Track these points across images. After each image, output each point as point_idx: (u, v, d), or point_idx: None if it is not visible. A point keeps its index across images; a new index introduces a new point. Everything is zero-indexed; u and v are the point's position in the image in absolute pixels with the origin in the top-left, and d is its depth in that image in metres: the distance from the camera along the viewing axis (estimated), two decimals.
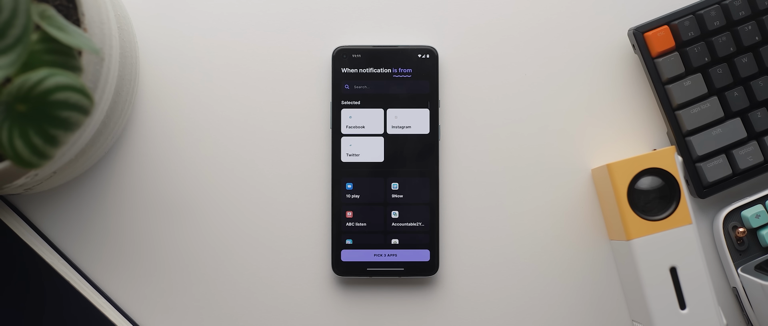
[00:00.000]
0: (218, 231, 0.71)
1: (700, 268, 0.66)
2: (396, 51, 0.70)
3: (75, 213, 0.71)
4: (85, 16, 0.54)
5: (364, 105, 0.70)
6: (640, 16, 0.72)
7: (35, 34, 0.47)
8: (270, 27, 0.72)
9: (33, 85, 0.45)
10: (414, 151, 0.70)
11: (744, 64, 0.69)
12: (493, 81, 0.72)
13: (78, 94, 0.46)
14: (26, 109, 0.45)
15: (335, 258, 0.70)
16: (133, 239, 0.71)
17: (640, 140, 0.72)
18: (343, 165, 0.70)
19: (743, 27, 0.69)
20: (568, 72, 0.72)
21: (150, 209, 0.71)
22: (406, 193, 0.70)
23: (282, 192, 0.71)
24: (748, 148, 0.70)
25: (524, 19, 0.72)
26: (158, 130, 0.71)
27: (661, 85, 0.70)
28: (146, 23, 0.71)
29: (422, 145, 0.70)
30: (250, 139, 0.72)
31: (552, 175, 0.71)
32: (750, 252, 0.70)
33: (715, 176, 0.69)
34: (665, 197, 0.66)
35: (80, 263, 0.71)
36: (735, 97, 0.69)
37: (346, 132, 0.70)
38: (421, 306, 0.71)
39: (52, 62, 0.47)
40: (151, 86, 0.71)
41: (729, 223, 0.70)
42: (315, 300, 0.71)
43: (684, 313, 0.65)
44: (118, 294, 0.71)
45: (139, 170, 0.71)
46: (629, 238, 0.66)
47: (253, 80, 0.72)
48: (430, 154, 0.70)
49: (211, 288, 0.71)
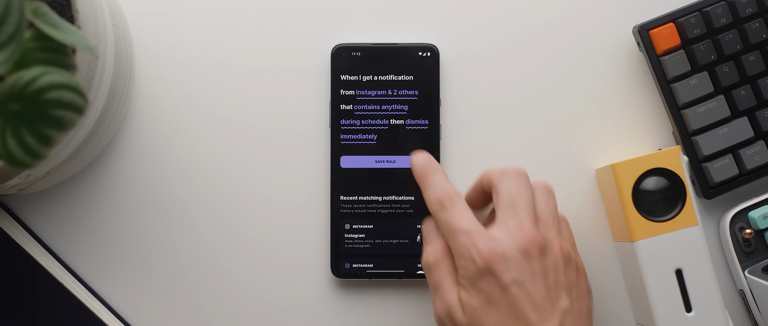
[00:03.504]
0: (215, 233, 0.71)
1: (706, 270, 0.65)
2: (396, 49, 0.70)
3: (69, 214, 0.71)
4: (79, 13, 0.53)
5: (364, 103, 0.70)
6: (645, 14, 0.71)
7: (28, 31, 0.47)
8: (268, 24, 0.71)
9: (26, 83, 0.45)
10: (415, 150, 0.69)
11: (751, 62, 0.69)
12: (494, 79, 0.71)
13: (72, 92, 0.46)
14: (19, 108, 0.45)
15: (335, 260, 0.70)
16: (129, 240, 0.71)
17: (645, 140, 0.71)
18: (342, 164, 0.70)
19: (750, 24, 0.68)
20: (571, 70, 0.71)
21: (146, 210, 0.71)
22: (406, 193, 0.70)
23: (280, 193, 0.71)
24: (755, 147, 0.69)
25: (526, 17, 0.71)
26: (154, 129, 0.71)
27: (666, 84, 0.69)
28: (142, 20, 0.71)
29: (423, 144, 0.70)
30: (248, 139, 0.71)
31: (555, 175, 0.71)
32: (757, 254, 0.70)
33: (722, 176, 0.69)
34: (671, 198, 0.66)
35: (75, 265, 0.71)
36: (742, 96, 0.69)
37: (345, 131, 0.70)
38: (422, 309, 0.71)
39: (46, 60, 0.47)
40: (147, 84, 0.71)
41: (736, 224, 0.69)
42: (314, 303, 0.71)
43: (690, 316, 0.65)
44: (113, 297, 0.71)
45: (135, 170, 0.71)
46: (634, 240, 0.65)
47: (250, 78, 0.71)
48: (431, 153, 0.70)
49: (208, 290, 0.71)
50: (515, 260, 0.58)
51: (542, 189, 0.63)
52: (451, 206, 0.61)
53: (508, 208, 0.60)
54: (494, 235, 0.59)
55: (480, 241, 0.59)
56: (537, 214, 0.62)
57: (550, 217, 0.62)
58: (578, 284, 0.61)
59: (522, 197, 0.61)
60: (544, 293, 0.58)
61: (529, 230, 0.59)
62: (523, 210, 0.60)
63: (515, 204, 0.60)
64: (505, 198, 0.61)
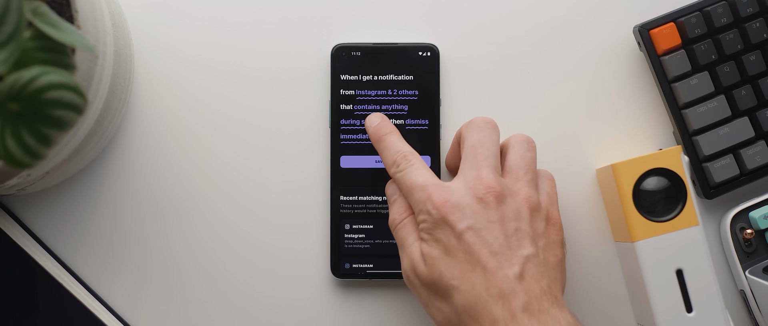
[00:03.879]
0: (215, 233, 0.71)
1: (707, 271, 0.65)
2: (396, 49, 0.70)
3: (69, 214, 0.70)
4: (78, 13, 0.53)
5: (364, 103, 0.69)
6: (645, 13, 0.71)
7: (28, 31, 0.47)
8: (268, 24, 0.71)
9: (25, 83, 0.45)
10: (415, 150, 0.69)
11: (752, 61, 0.68)
12: (494, 79, 0.71)
13: (71, 92, 0.46)
14: (18, 108, 0.45)
15: (335, 260, 0.70)
16: (129, 241, 0.70)
17: (646, 140, 0.71)
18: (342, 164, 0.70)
19: (751, 24, 0.68)
20: (571, 70, 0.71)
21: (145, 210, 0.71)
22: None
23: (280, 193, 0.71)
24: (756, 147, 0.69)
25: (527, 17, 0.71)
26: (153, 129, 0.71)
27: (667, 84, 0.69)
28: (141, 20, 0.71)
29: (423, 144, 0.70)
30: (248, 139, 0.71)
31: (555, 175, 0.70)
32: (758, 254, 0.69)
33: (722, 176, 0.69)
34: (671, 198, 0.66)
35: (74, 265, 0.70)
36: (742, 96, 0.69)
37: (345, 131, 0.69)
38: (421, 310, 0.71)
39: (45, 60, 0.47)
40: (147, 84, 0.71)
41: (736, 225, 0.69)
42: (314, 304, 0.71)
43: (690, 316, 0.65)
44: (112, 298, 0.70)
45: (134, 170, 0.71)
46: (634, 240, 0.65)
47: (250, 78, 0.71)
48: (432, 153, 0.70)
49: (207, 290, 0.71)
50: (471, 208, 0.59)
51: (520, 142, 0.64)
52: (406, 165, 0.63)
53: (470, 158, 0.62)
54: (450, 186, 0.60)
55: (434, 193, 0.60)
56: (507, 165, 0.62)
57: (522, 169, 0.62)
58: (547, 234, 0.61)
59: (484, 147, 0.62)
60: (503, 240, 0.58)
61: (487, 178, 0.60)
62: (482, 160, 0.61)
63: (476, 154, 0.61)
64: (468, 149, 0.62)
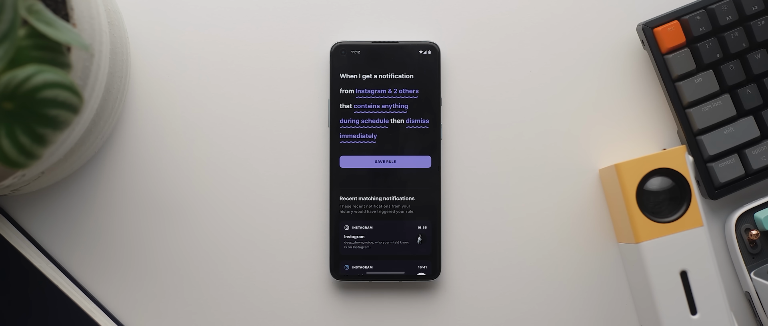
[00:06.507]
0: (212, 234, 0.70)
1: (711, 272, 0.65)
2: (396, 47, 0.69)
3: (64, 215, 0.70)
4: (74, 11, 0.53)
5: (364, 102, 0.69)
6: (649, 11, 0.71)
7: (23, 29, 0.47)
8: (266, 22, 0.71)
9: (20, 82, 0.45)
10: (415, 150, 0.69)
11: (757, 60, 0.68)
12: (496, 78, 0.71)
13: (67, 91, 0.46)
14: (13, 107, 0.45)
15: (334, 261, 0.69)
16: (124, 242, 0.70)
17: (650, 139, 0.71)
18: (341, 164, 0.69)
19: (756, 22, 0.68)
20: (574, 69, 0.71)
21: (141, 211, 0.70)
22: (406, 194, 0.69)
23: (278, 194, 0.70)
24: (762, 147, 0.69)
25: (529, 14, 0.71)
26: (150, 129, 0.71)
27: (671, 82, 0.69)
28: (137, 18, 0.71)
29: (423, 144, 0.69)
30: (245, 138, 0.71)
31: (558, 176, 0.71)
32: (763, 256, 0.69)
33: (727, 176, 0.69)
34: (675, 198, 0.66)
35: (69, 267, 0.70)
36: (748, 95, 0.69)
37: (344, 130, 0.69)
38: (422, 311, 0.71)
39: (40, 58, 0.47)
40: (143, 83, 0.71)
41: (741, 225, 0.69)
42: (313, 305, 0.70)
43: (695, 319, 0.65)
44: (108, 299, 0.70)
45: (130, 170, 0.70)
46: (638, 241, 0.65)
47: (248, 77, 0.71)
48: (432, 153, 0.69)
49: (204, 292, 0.70)
50: None
51: None
52: None
53: None
54: None
55: None
56: None
57: None
58: None
59: None
60: None
61: None
62: None
63: None
64: None
